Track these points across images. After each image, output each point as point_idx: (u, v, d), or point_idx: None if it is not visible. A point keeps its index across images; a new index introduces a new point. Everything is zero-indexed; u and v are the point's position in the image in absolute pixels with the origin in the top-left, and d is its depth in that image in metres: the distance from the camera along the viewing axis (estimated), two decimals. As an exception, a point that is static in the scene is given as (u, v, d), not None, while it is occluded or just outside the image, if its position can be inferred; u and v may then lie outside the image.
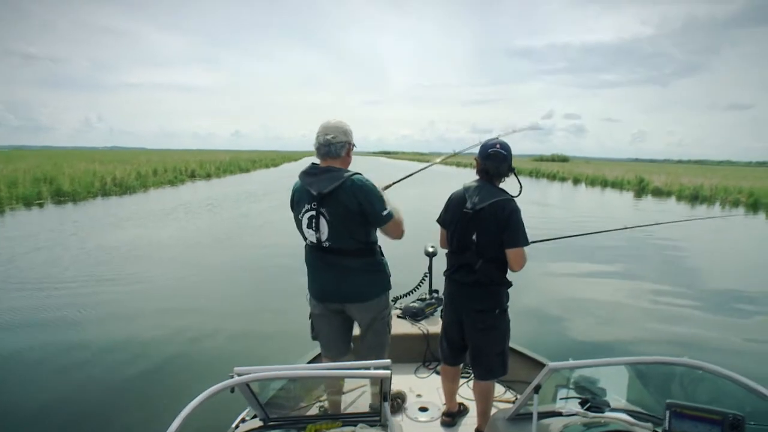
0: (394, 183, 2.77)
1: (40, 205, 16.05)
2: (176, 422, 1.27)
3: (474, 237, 2.33)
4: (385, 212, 2.20)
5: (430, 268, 3.73)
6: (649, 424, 1.78)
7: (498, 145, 2.35)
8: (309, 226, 2.23)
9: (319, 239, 2.23)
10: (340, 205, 2.16)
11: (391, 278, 2.43)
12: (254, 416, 1.92)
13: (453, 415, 2.74)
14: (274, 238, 11.11)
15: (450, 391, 2.73)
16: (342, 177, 2.16)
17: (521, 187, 2.41)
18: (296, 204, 2.30)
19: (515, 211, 2.28)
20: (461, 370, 2.80)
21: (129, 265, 8.26)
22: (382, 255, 2.38)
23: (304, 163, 2.54)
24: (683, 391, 1.92)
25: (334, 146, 2.22)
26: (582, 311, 6.55)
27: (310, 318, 2.48)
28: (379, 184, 2.34)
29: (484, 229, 2.30)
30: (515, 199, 2.35)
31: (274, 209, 15.94)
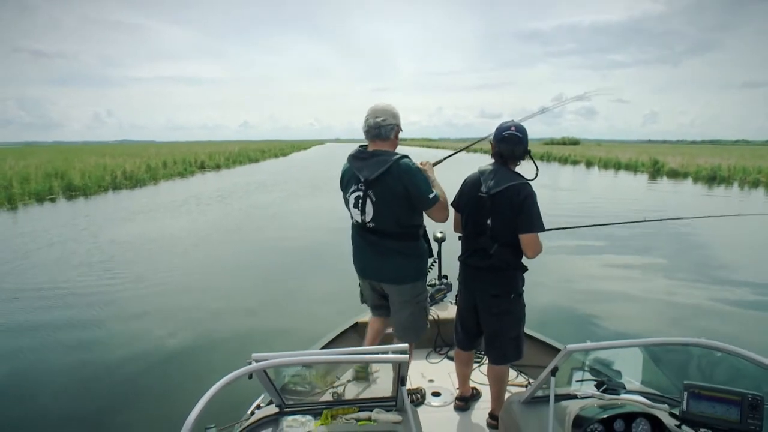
0: (444, 159, 2.77)
1: (52, 200, 16.12)
2: (197, 408, 1.29)
3: (489, 221, 2.30)
4: (431, 195, 2.24)
5: (439, 253, 3.71)
6: (665, 406, 1.78)
7: (513, 128, 2.30)
8: (355, 206, 2.32)
9: (364, 220, 2.31)
10: (386, 188, 2.22)
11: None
12: (269, 402, 1.92)
13: (466, 399, 2.74)
14: (286, 228, 11.01)
15: (463, 376, 2.73)
16: (389, 161, 2.21)
17: (537, 170, 2.38)
18: (345, 185, 2.39)
19: (531, 196, 2.24)
20: (474, 355, 2.78)
21: (141, 260, 8.20)
22: (427, 241, 2.45)
23: (314, 152, 2.46)
24: (700, 373, 1.93)
25: (384, 129, 2.26)
26: (596, 296, 6.51)
27: (359, 286, 2.65)
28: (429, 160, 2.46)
29: (499, 214, 2.27)
30: (531, 183, 2.30)
31: (283, 200, 15.80)
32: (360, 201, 2.29)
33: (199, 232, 10.56)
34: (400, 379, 1.64)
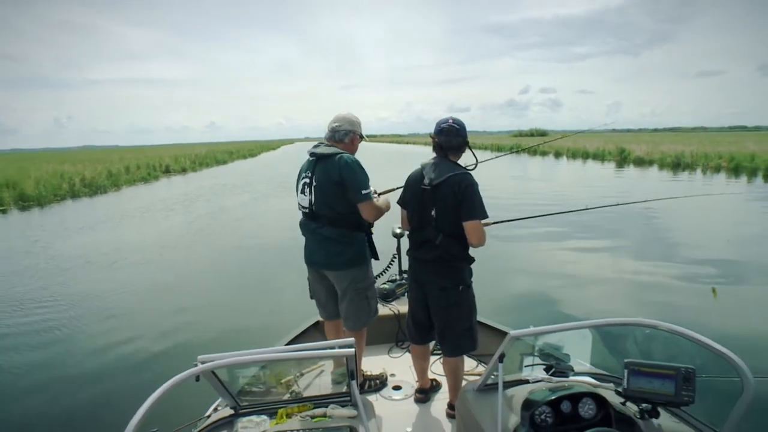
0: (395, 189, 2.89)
1: (3, 212, 15.23)
2: (139, 412, 1.26)
3: (433, 212, 2.36)
4: (364, 191, 2.45)
5: (398, 249, 3.78)
6: (611, 385, 1.90)
7: (451, 120, 2.39)
8: (302, 191, 2.58)
9: (308, 204, 2.55)
10: (326, 175, 2.48)
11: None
12: (227, 405, 1.91)
13: (426, 391, 2.78)
14: (253, 230, 10.77)
15: (421, 369, 2.76)
16: (337, 153, 2.51)
17: (477, 160, 2.51)
18: (299, 173, 2.63)
19: (472, 185, 2.30)
20: (433, 347, 2.82)
21: (96, 271, 7.86)
22: (367, 233, 2.63)
23: (283, 152, 2.29)
24: (641, 351, 2.09)
25: (339, 133, 2.61)
26: (559, 281, 6.65)
27: (308, 280, 2.80)
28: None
29: (441, 204, 2.33)
30: (471, 172, 2.39)
31: (250, 202, 15.50)
32: (306, 187, 2.55)
33: (161, 240, 10.17)
34: (350, 373, 1.65)
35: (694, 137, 66.61)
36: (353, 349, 1.56)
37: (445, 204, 2.31)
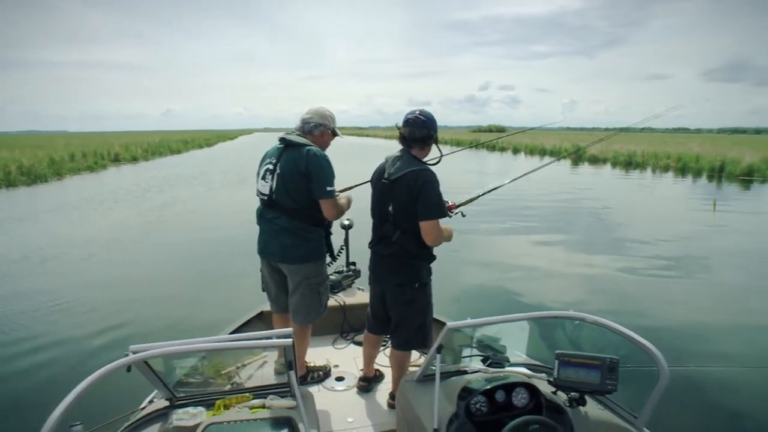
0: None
1: None
2: (60, 407, 1.23)
3: (390, 208, 2.31)
4: (329, 188, 2.44)
5: (346, 240, 3.81)
6: (543, 375, 1.99)
7: (418, 112, 2.32)
8: (264, 178, 2.54)
9: (270, 190, 2.50)
10: (291, 162, 2.45)
11: None
12: (162, 397, 1.88)
13: (369, 380, 2.79)
14: (202, 223, 10.42)
15: (369, 357, 2.78)
16: (307, 144, 2.49)
17: (441, 154, 2.43)
18: (262, 159, 2.61)
19: (428, 182, 2.22)
20: (382, 338, 2.84)
21: (31, 267, 7.36)
22: (325, 230, 2.61)
23: (240, 142, 2.00)
24: (574, 342, 2.20)
25: (308, 125, 2.60)
26: (502, 276, 6.83)
27: (261, 271, 2.77)
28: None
29: (398, 200, 2.28)
30: (432, 167, 2.33)
31: (204, 194, 15.03)
32: (269, 173, 2.51)
33: (108, 232, 9.64)
34: (288, 363, 1.65)
35: (643, 137, 69.55)
36: (291, 340, 1.56)
37: (401, 200, 2.26)
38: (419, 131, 2.28)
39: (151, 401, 2.20)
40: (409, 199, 2.22)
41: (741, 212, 12.72)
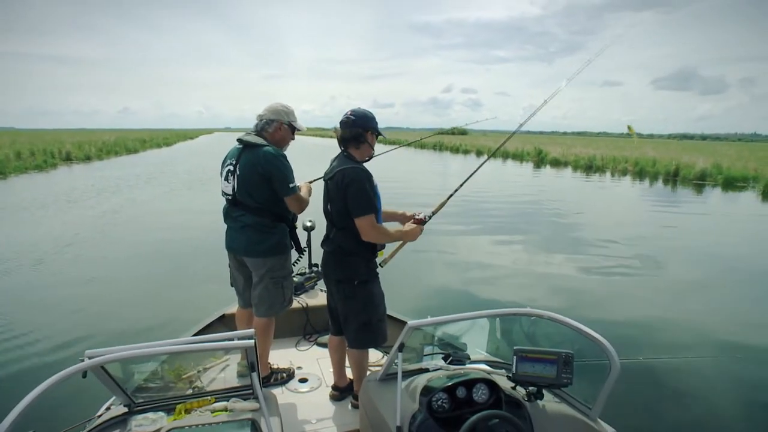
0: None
1: None
2: (11, 415, 1.19)
3: (329, 206, 2.39)
4: (291, 185, 2.52)
5: (308, 241, 3.78)
6: (503, 371, 2.05)
7: (349, 112, 2.38)
8: (226, 179, 2.61)
9: (233, 190, 2.57)
10: (249, 164, 2.51)
11: None
12: (121, 403, 1.84)
13: (340, 390, 2.76)
14: (160, 227, 10.06)
15: (337, 364, 2.74)
16: (263, 144, 2.54)
17: (372, 153, 2.45)
18: (224, 160, 2.66)
19: (355, 180, 2.25)
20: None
21: None
22: (290, 226, 2.69)
23: (200, 141, 1.95)
24: (532, 338, 2.24)
25: (262, 123, 2.63)
26: (465, 275, 6.96)
27: (229, 267, 2.83)
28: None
29: (333, 198, 2.34)
30: (361, 166, 2.34)
31: (160, 196, 14.53)
32: (230, 174, 2.57)
33: (61, 235, 9.17)
34: (251, 364, 1.63)
35: (599, 141, 72.26)
36: (252, 341, 1.53)
37: (334, 199, 2.33)
38: (349, 131, 2.35)
39: (108, 408, 2.15)
40: (339, 198, 2.29)
41: (693, 213, 13.46)
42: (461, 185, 2.67)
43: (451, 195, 2.65)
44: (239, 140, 2.60)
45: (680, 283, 6.91)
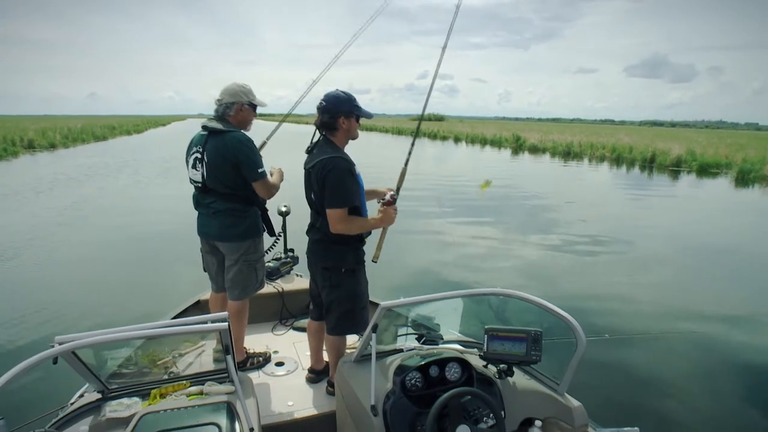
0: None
1: None
2: None
3: (312, 195, 2.37)
4: (260, 170, 2.53)
5: (284, 227, 3.82)
6: (475, 350, 2.10)
7: (323, 98, 2.34)
8: (194, 167, 2.59)
9: (202, 177, 2.56)
10: (216, 151, 2.50)
11: None
12: (94, 390, 1.84)
13: (317, 372, 2.78)
14: (130, 217, 9.79)
15: (314, 348, 2.77)
16: (229, 130, 2.53)
17: (353, 136, 2.39)
18: (188, 147, 2.64)
19: (333, 171, 2.22)
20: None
21: None
22: (261, 209, 2.71)
23: (172, 128, 1.93)
24: (503, 318, 2.29)
25: (220, 108, 2.60)
26: (439, 259, 7.07)
27: (201, 252, 2.83)
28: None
29: (314, 188, 2.32)
30: (341, 155, 2.28)
31: (130, 185, 14.16)
32: (198, 162, 2.55)
33: (27, 227, 8.91)
34: (225, 347, 1.62)
35: (574, 128, 73.41)
36: (226, 323, 1.52)
37: (315, 189, 2.31)
38: (323, 116, 2.31)
39: (81, 395, 2.13)
40: (318, 187, 2.27)
41: (665, 196, 14.00)
42: (410, 153, 2.58)
43: (407, 161, 2.56)
44: (204, 126, 2.58)
45: (644, 262, 7.21)
